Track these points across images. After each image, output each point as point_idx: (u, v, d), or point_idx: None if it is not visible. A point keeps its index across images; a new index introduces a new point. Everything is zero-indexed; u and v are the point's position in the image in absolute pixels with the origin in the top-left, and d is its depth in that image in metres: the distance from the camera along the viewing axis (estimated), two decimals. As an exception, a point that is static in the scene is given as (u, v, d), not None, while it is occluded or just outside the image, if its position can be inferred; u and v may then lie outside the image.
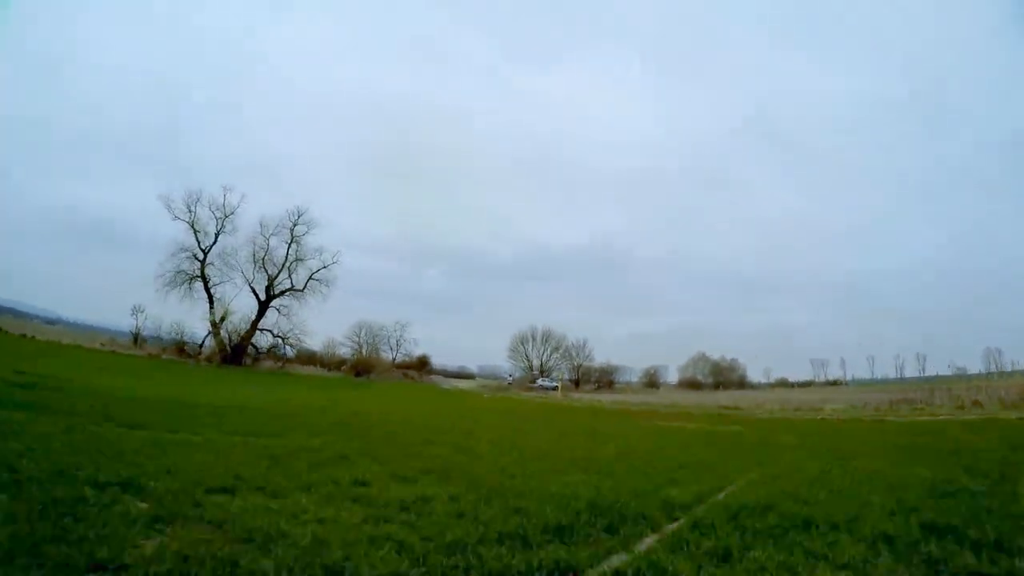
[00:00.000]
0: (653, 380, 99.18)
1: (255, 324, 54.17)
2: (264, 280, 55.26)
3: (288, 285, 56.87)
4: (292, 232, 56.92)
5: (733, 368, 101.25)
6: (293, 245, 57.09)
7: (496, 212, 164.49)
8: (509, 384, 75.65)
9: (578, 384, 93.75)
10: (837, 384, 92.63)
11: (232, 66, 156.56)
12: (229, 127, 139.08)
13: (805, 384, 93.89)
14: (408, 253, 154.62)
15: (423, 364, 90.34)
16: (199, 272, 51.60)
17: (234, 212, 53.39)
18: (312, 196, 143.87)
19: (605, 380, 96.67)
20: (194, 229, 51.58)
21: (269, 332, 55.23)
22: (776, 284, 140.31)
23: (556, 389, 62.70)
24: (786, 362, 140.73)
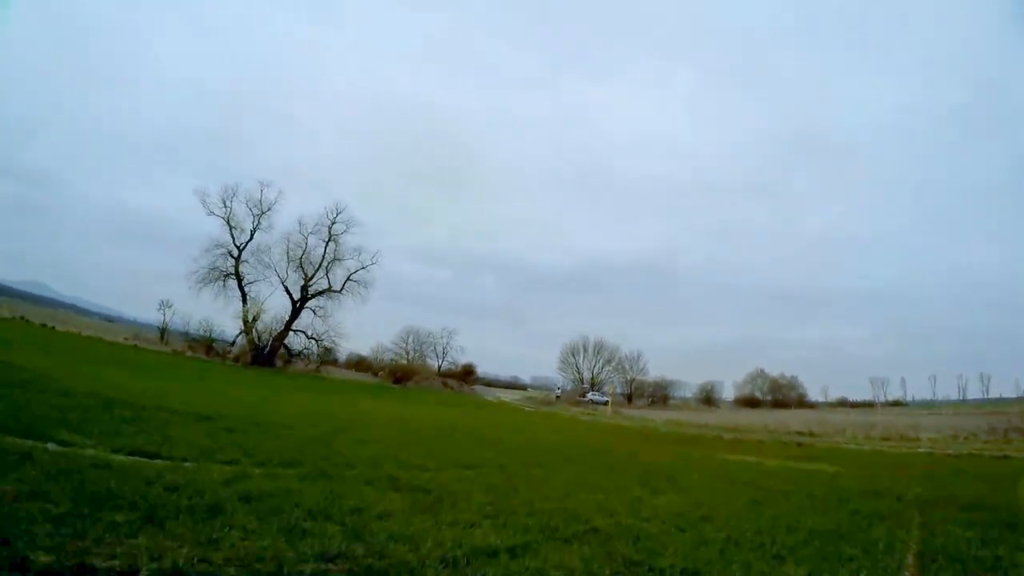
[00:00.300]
0: (709, 396, 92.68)
1: (289, 324, 52.22)
2: (299, 279, 53.37)
3: (325, 285, 54.82)
4: (330, 231, 54.78)
5: (792, 385, 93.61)
6: (331, 244, 54.95)
7: (549, 223, 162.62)
8: (557, 398, 70.78)
9: (631, 399, 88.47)
10: (899, 405, 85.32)
11: (287, 77, 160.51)
12: (282, 136, 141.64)
13: (866, 404, 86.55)
14: (462, 263, 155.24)
15: (468, 373, 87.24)
16: (233, 269, 50.09)
17: (271, 208, 51.81)
18: (365, 205, 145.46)
19: (659, 395, 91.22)
20: (229, 225, 50.25)
21: (303, 333, 53.27)
22: (826, 298, 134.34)
23: (606, 404, 57.92)
24: (841, 379, 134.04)
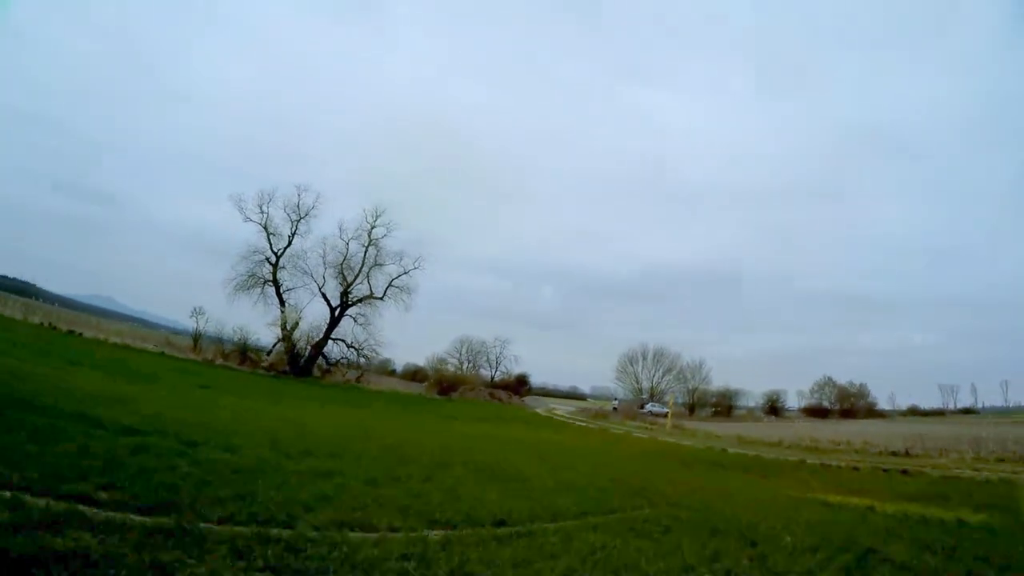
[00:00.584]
0: (775, 406, 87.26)
1: (328, 333, 50.33)
2: (337, 286, 51.47)
3: (366, 292, 52.71)
4: (370, 235, 52.50)
5: (861, 393, 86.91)
6: (371, 248, 52.71)
7: (609, 231, 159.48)
8: (614, 409, 65.87)
9: (692, 410, 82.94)
10: (970, 412, 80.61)
11: (342, 91, 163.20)
12: (342, 152, 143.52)
13: (936, 412, 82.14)
14: (521, 273, 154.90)
15: (521, 383, 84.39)
16: (271, 276, 48.68)
17: (309, 213, 50.09)
18: (424, 217, 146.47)
19: (723, 405, 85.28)
20: (267, 231, 48.78)
21: (342, 342, 51.23)
22: (891, 302, 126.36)
23: (666, 415, 53.10)
24: (907, 386, 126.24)
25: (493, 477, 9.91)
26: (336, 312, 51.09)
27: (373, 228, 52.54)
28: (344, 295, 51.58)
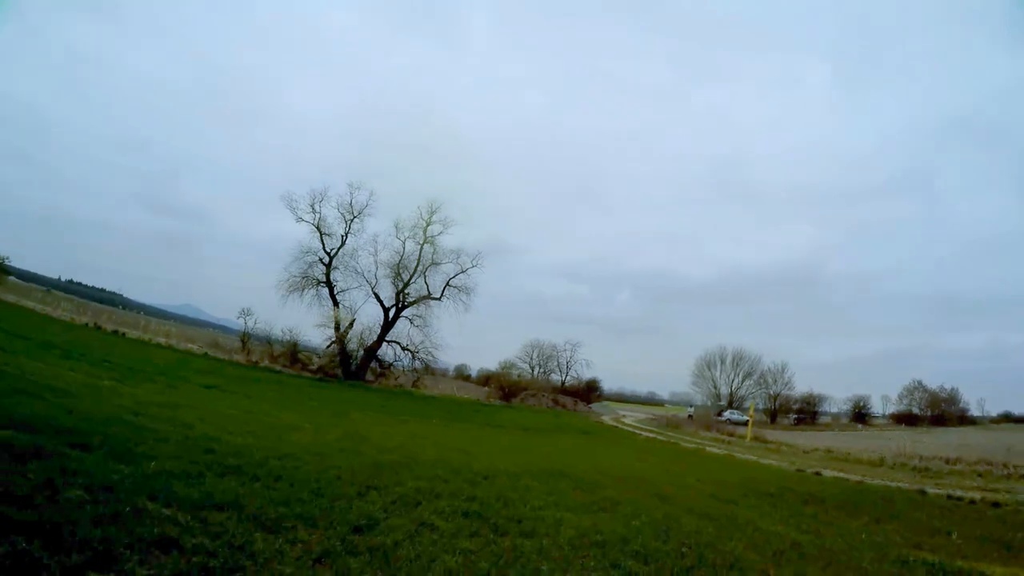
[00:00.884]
0: (862, 412, 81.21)
1: (382, 335, 48.97)
2: (391, 286, 50.05)
3: (423, 292, 51.04)
4: (425, 232, 50.72)
5: (952, 399, 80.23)
6: (427, 247, 50.92)
7: (686, 234, 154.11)
8: (690, 417, 61.02)
9: (774, 417, 77.01)
10: None
11: (422, 106, 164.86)
12: (421, 166, 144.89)
13: None
14: (598, 277, 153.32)
15: (591, 389, 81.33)
16: (324, 277, 47.83)
17: (362, 212, 48.93)
18: (507, 224, 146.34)
19: (807, 412, 78.59)
20: (319, 231, 47.91)
21: (397, 344, 49.73)
22: (981, 301, 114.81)
23: (746, 424, 48.28)
24: (999, 391, 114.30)
25: (486, 520, 7.09)
26: (391, 313, 49.79)
27: (428, 225, 50.90)
28: (399, 295, 50.18)
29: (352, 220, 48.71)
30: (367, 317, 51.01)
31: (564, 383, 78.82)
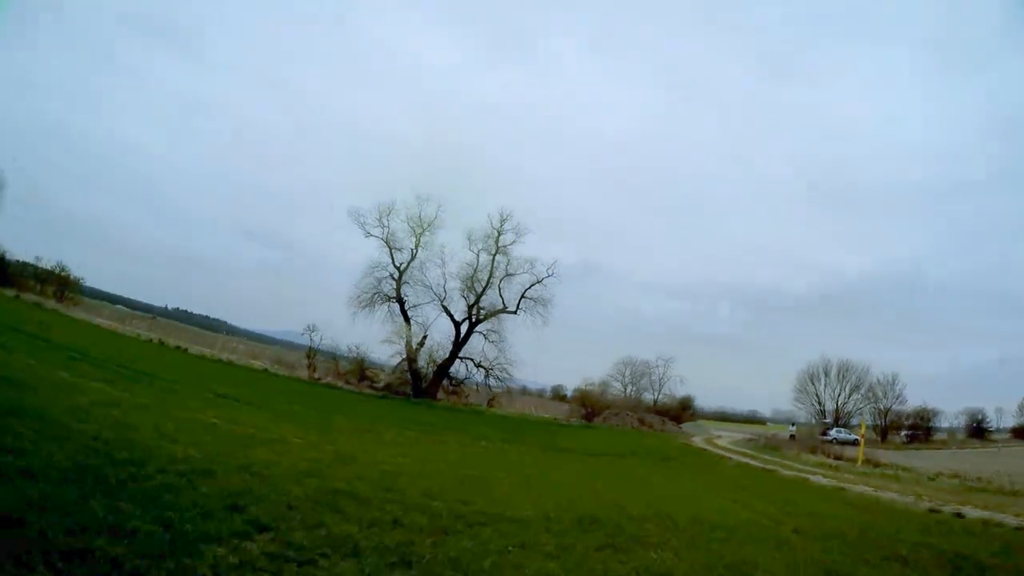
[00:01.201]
0: (981, 427, 72.26)
1: (455, 352, 47.63)
2: (461, 300, 48.00)
3: (497, 305, 49.11)
4: (497, 242, 48.08)
5: None
6: (500, 257, 48.27)
7: (784, 243, 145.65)
8: (792, 437, 54.35)
9: (885, 434, 69.21)
10: None
11: (518, 126, 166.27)
12: (518, 186, 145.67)
13: None
14: (693, 292, 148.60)
15: (684, 407, 76.54)
16: (395, 292, 47.35)
17: (431, 224, 47.35)
18: (610, 245, 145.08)
19: (921, 428, 70.37)
20: (388, 245, 46.67)
21: (470, 360, 48.29)
22: None
23: (855, 444, 42.95)
24: None
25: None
26: (463, 328, 47.84)
27: (500, 235, 48.42)
28: (471, 309, 48.69)
29: (421, 233, 47.37)
30: (438, 333, 49.44)
31: (656, 401, 74.16)
